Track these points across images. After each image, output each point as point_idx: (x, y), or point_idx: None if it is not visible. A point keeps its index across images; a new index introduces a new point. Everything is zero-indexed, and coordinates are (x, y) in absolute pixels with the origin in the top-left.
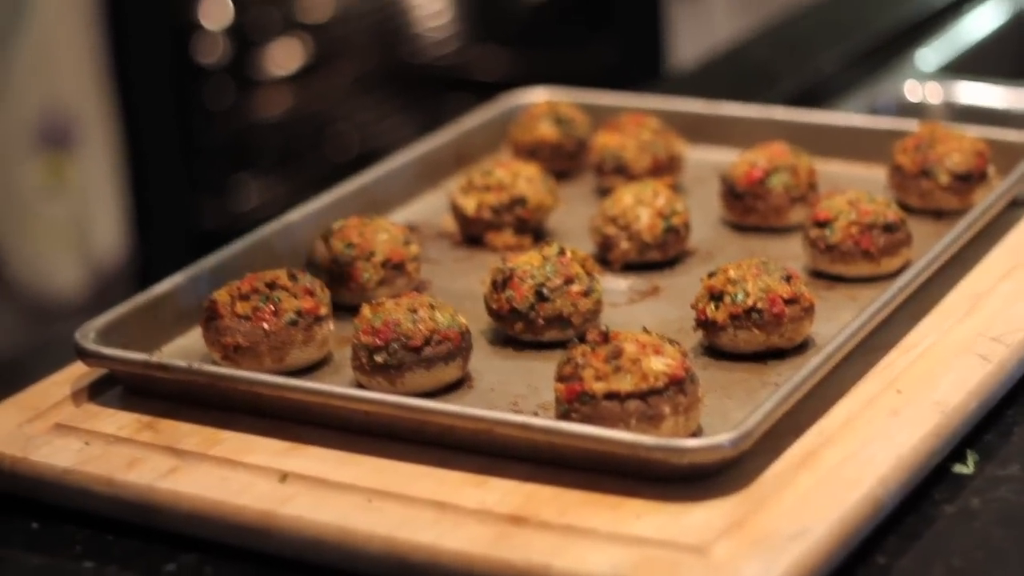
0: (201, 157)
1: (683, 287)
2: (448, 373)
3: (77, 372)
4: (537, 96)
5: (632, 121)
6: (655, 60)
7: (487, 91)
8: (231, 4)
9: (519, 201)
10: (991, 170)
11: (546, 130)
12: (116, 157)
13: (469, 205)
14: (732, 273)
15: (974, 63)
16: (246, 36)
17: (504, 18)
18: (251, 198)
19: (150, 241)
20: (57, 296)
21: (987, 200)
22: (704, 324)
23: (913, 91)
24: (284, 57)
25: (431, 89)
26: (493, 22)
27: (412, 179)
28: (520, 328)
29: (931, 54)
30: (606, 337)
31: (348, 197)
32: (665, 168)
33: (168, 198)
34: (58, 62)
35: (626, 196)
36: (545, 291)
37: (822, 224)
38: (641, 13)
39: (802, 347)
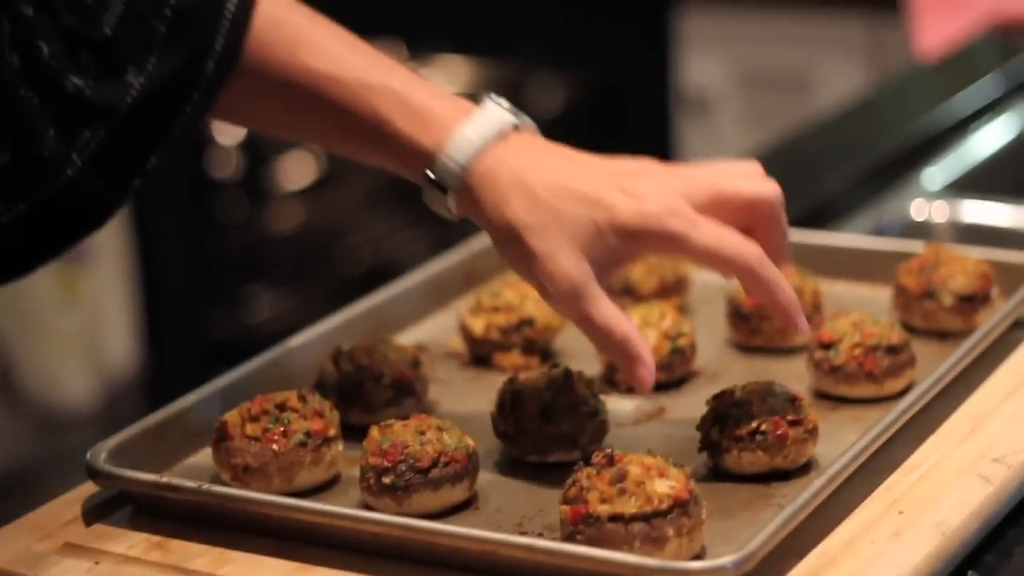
0: (213, 269)
1: (689, 407)
2: (455, 494)
3: (87, 491)
4: None
5: None
6: None
7: None
8: None
9: (527, 322)
10: (995, 291)
11: None
12: (129, 269)
13: (477, 326)
14: (736, 395)
15: (981, 181)
16: (259, 151)
17: None
18: (263, 310)
19: (162, 352)
20: (68, 407)
21: (991, 321)
22: (709, 447)
23: (919, 210)
24: (296, 171)
25: None
26: None
27: (421, 299)
28: (527, 449)
29: (938, 173)
30: (611, 460)
31: (358, 318)
32: (672, 289)
33: (180, 310)
34: None
35: (633, 317)
36: (552, 412)
37: (826, 346)
38: (652, 129)
39: (806, 468)
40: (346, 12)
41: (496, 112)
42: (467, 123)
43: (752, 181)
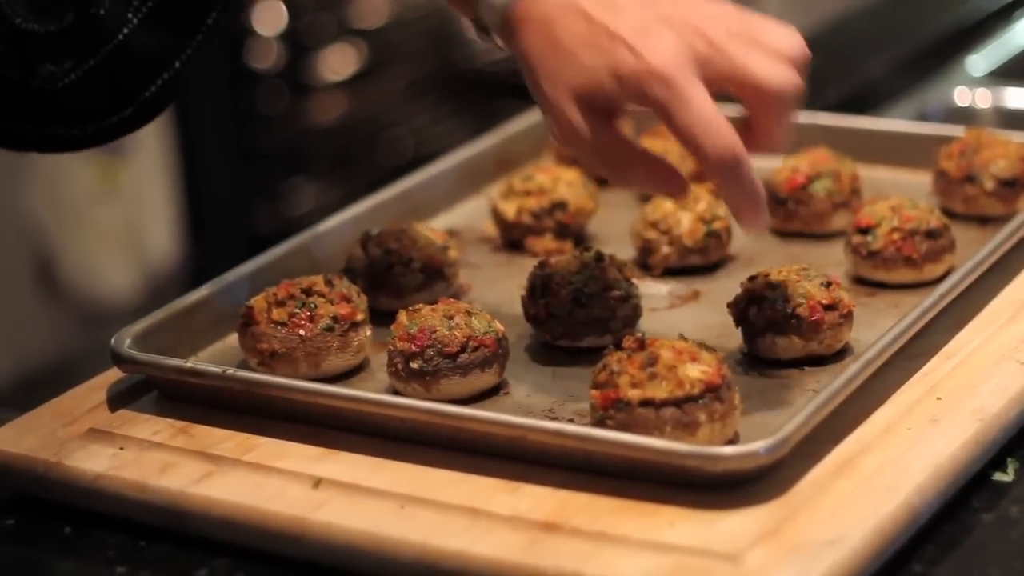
0: (255, 162)
1: (724, 292)
2: (484, 380)
3: (113, 377)
4: None
5: None
6: None
7: None
8: (285, 10)
9: (559, 206)
10: None
11: None
12: (170, 162)
13: (509, 210)
14: (771, 278)
15: None
16: (300, 41)
17: None
18: (305, 202)
19: (204, 245)
20: (109, 300)
21: None
22: (743, 329)
23: (962, 96)
24: (338, 62)
25: (484, 94)
26: None
27: (453, 185)
28: (558, 334)
29: (981, 60)
30: (642, 344)
31: (388, 202)
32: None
33: (222, 203)
34: None
35: (667, 201)
36: (583, 297)
37: (864, 230)
38: None
39: (841, 354)
40: None
41: None
42: None
43: (774, 66)
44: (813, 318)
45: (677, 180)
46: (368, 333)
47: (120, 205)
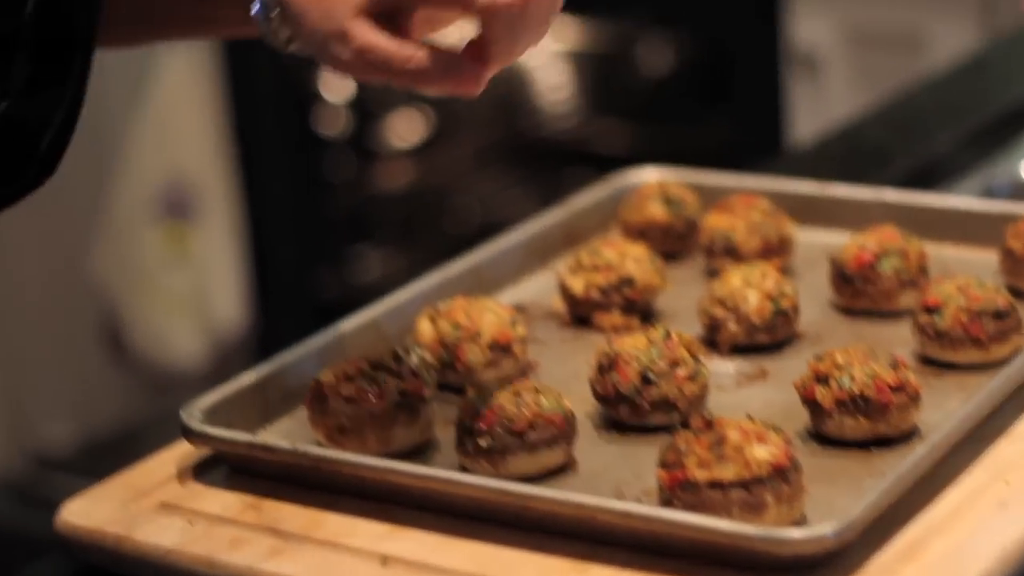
0: (321, 228)
1: (791, 371)
2: (551, 458)
3: (182, 450)
4: (647, 176)
5: (742, 202)
6: (773, 135)
7: (607, 164)
8: None
9: (627, 282)
10: None
11: (656, 210)
12: (237, 227)
13: (577, 285)
14: (839, 358)
15: None
16: (368, 108)
17: (624, 92)
18: (371, 269)
19: (269, 311)
20: (176, 366)
21: None
22: (810, 410)
23: None
24: (405, 129)
25: (551, 162)
26: (613, 96)
27: (521, 259)
28: (625, 412)
29: None
30: (709, 424)
31: (456, 277)
32: (775, 250)
33: (288, 269)
34: (181, 132)
35: (735, 278)
36: (651, 375)
37: (931, 310)
38: (760, 89)
39: (909, 435)
40: None
41: None
42: None
43: None
44: (880, 399)
45: (469, 73)
46: (436, 409)
47: (188, 271)
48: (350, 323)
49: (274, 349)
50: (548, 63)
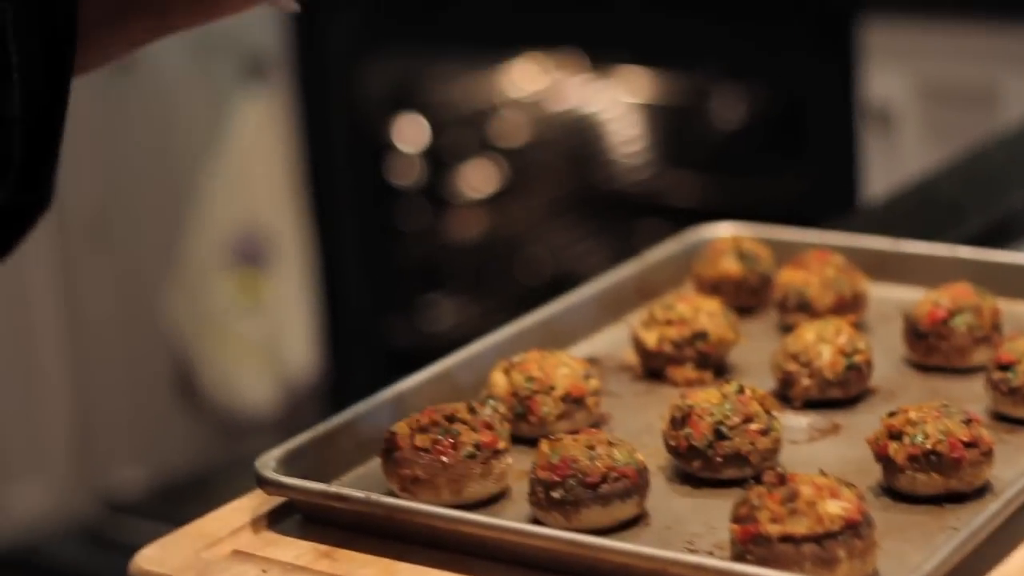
0: (393, 276)
1: (863, 426)
2: (624, 510)
3: (256, 498)
4: (721, 231)
5: (816, 258)
6: (847, 189)
7: (679, 217)
8: (428, 127)
9: (700, 336)
10: None
11: (730, 265)
12: (310, 275)
13: (650, 339)
14: (912, 414)
15: None
16: (441, 158)
17: (697, 144)
18: (442, 317)
19: (341, 358)
20: (248, 412)
21: None
22: (882, 466)
23: None
24: (478, 180)
25: (623, 214)
26: (686, 148)
27: (594, 312)
28: (698, 466)
29: None
30: (782, 479)
31: (530, 329)
32: (849, 306)
33: (360, 316)
34: (256, 180)
35: (808, 333)
36: (724, 429)
37: (1005, 367)
38: (834, 143)
39: (981, 491)
40: (528, 22)
41: None
42: None
43: None
44: (953, 455)
45: None
46: (510, 461)
47: (260, 317)
48: (424, 374)
49: (345, 396)
50: (621, 115)
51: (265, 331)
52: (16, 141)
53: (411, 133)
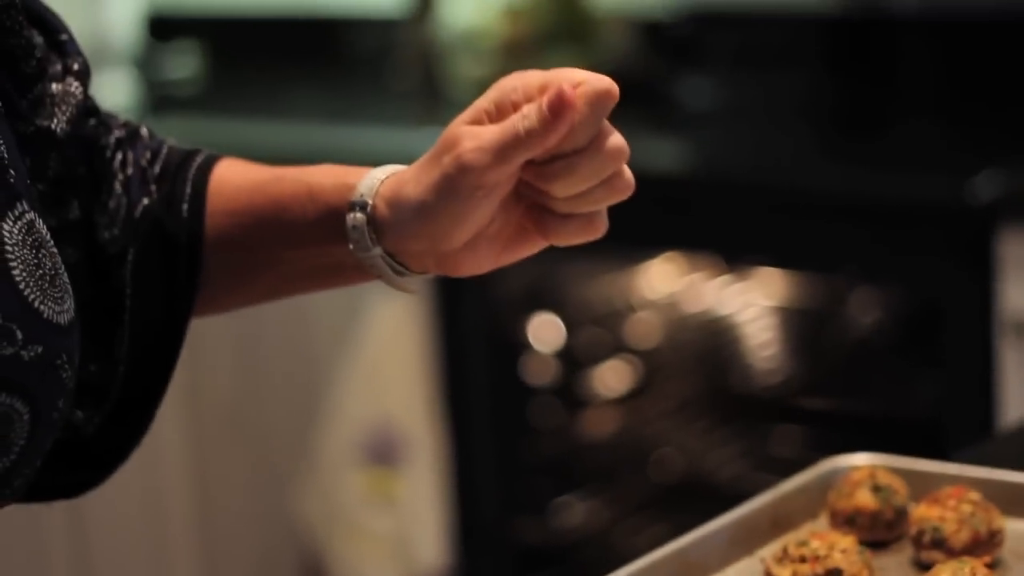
0: (525, 475)
1: None
2: None
3: None
4: (857, 461)
5: (952, 494)
6: (984, 404)
7: (813, 423)
8: (563, 328)
9: (834, 573)
10: None
11: (865, 498)
12: (442, 473)
13: (783, 575)
14: None
15: None
16: (575, 358)
17: (833, 349)
18: (573, 517)
19: (471, 555)
20: None
21: None
22: None
23: None
24: (612, 379)
25: (757, 416)
26: (822, 353)
27: (726, 544)
28: None
29: None
30: None
31: (663, 561)
32: (984, 544)
33: (490, 514)
34: (390, 379)
35: (943, 574)
36: None
37: None
38: (969, 351)
39: None
40: (665, 224)
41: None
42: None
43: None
44: None
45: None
46: None
47: (391, 515)
48: None
49: None
50: (756, 317)
51: (395, 528)
52: (117, 380)
53: (546, 334)
